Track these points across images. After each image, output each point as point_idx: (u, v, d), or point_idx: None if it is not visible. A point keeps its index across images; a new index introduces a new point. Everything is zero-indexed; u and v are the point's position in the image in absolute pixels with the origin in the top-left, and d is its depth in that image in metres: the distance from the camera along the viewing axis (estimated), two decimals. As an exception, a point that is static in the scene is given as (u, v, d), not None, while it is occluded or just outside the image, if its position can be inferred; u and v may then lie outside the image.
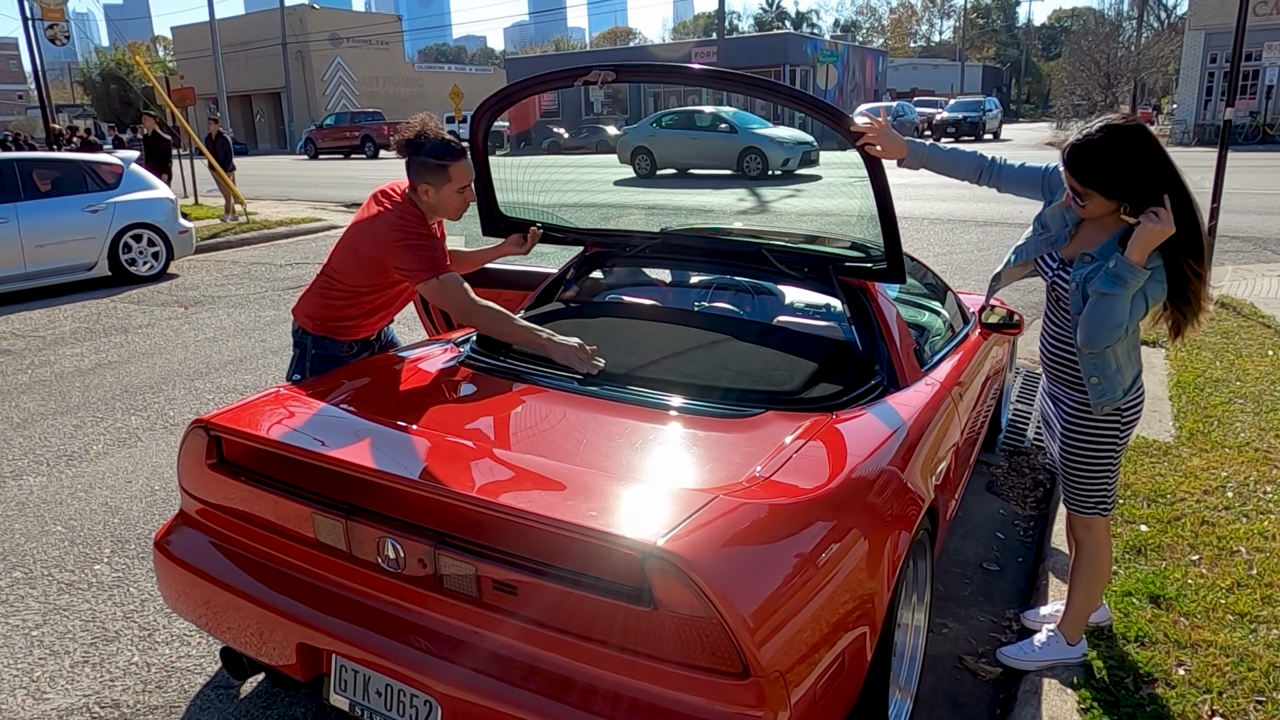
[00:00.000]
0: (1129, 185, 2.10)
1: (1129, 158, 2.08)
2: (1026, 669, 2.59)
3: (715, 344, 2.85)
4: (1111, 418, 2.38)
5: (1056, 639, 2.60)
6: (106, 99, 45.65)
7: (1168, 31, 37.81)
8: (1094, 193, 2.14)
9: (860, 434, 2.32)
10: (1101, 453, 2.42)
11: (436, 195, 2.77)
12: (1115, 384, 2.29)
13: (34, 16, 16.39)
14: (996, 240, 9.99)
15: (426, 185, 2.76)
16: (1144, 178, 2.08)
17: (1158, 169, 2.08)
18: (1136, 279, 2.09)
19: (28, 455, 4.49)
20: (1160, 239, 2.06)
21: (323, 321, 2.98)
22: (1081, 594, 2.56)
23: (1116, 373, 2.29)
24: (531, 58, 53.69)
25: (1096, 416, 2.38)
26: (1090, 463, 2.44)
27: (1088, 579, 2.55)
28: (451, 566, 1.85)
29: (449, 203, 2.81)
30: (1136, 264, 2.08)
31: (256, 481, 2.15)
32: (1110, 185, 2.11)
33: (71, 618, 2.99)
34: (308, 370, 3.01)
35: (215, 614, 2.18)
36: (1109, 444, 2.41)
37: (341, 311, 2.96)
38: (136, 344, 6.75)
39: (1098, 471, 2.44)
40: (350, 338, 3.03)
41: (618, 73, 2.79)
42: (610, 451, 2.14)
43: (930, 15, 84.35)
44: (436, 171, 2.73)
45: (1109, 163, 2.09)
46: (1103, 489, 2.47)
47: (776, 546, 1.80)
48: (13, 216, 8.49)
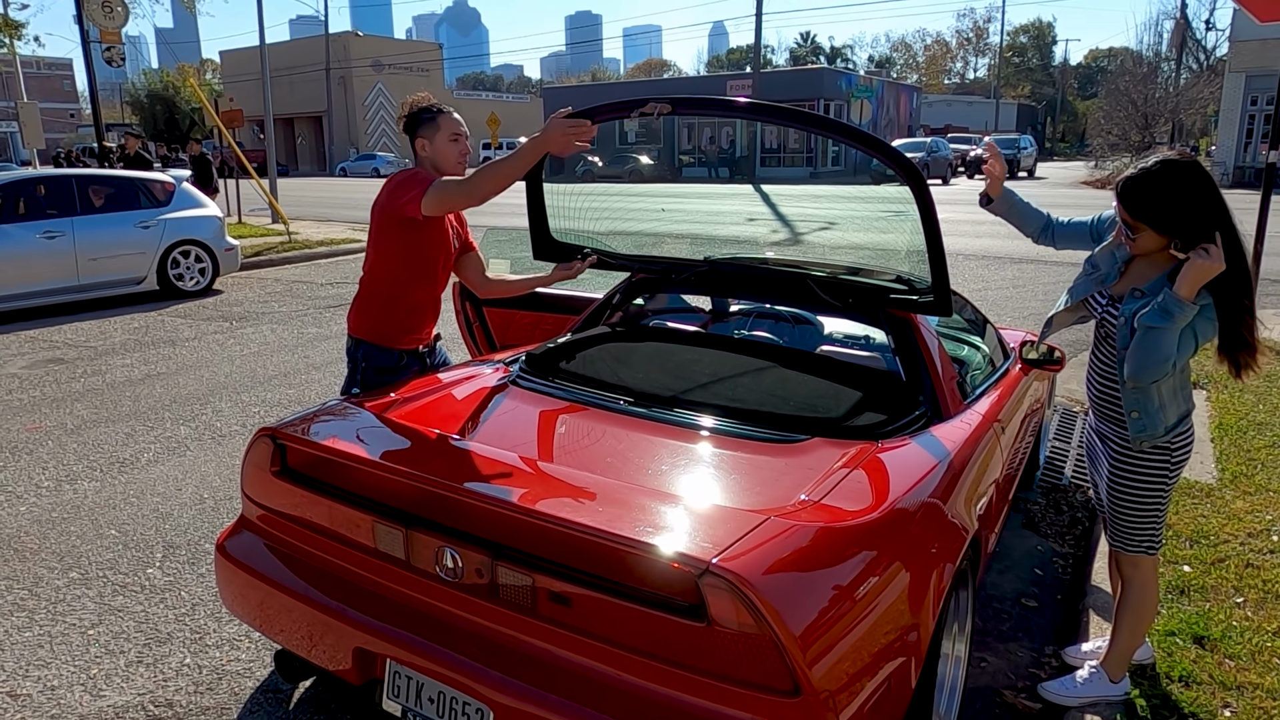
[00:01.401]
0: (1181, 220, 2.13)
1: (1183, 193, 2.11)
2: (1068, 705, 2.58)
3: (760, 370, 2.90)
4: (1160, 456, 2.38)
5: (1099, 676, 2.59)
6: (153, 119, 46.93)
7: (1207, 73, 37.59)
8: (1145, 227, 2.18)
9: (905, 463, 2.35)
10: (1150, 491, 2.43)
11: (432, 145, 2.94)
12: (1157, 420, 2.31)
13: (93, 39, 16.99)
14: (1032, 277, 9.96)
15: (422, 139, 2.94)
16: (1196, 213, 2.11)
17: (1210, 206, 2.11)
18: (1185, 314, 2.11)
19: (82, 461, 4.62)
20: (1210, 275, 2.08)
21: (371, 326, 3.07)
22: (1126, 631, 2.56)
23: (1159, 410, 2.30)
24: (567, 87, 54.47)
25: (1146, 454, 2.39)
26: (1138, 500, 2.44)
27: (1133, 617, 2.54)
28: (508, 577, 1.90)
29: (446, 152, 2.95)
30: (1185, 299, 2.10)
31: (318, 489, 2.23)
32: (1162, 220, 2.15)
33: (126, 619, 3.08)
34: (360, 383, 3.08)
35: (273, 616, 2.24)
36: (1157, 482, 2.42)
37: (385, 311, 3.04)
38: (184, 356, 6.92)
39: (1145, 509, 2.45)
40: (399, 345, 3.09)
41: (674, 105, 2.88)
42: (661, 471, 2.19)
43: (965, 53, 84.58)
44: (427, 124, 2.94)
45: (1162, 197, 2.12)
46: (1150, 527, 2.47)
47: (826, 569, 1.84)
48: (69, 230, 8.77)
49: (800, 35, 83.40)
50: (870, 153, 2.74)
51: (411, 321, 3.10)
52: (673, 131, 40.48)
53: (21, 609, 3.14)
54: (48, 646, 2.91)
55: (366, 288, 3.08)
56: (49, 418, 5.37)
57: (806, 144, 37.85)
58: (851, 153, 38.86)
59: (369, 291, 3.07)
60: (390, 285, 3.03)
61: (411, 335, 3.12)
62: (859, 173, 21.17)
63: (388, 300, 3.04)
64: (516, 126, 53.59)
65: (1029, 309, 8.18)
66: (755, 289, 3.30)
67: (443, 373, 2.98)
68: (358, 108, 54.36)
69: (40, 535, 3.74)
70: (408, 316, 3.08)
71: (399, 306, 3.05)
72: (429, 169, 2.95)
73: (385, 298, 3.04)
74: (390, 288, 3.03)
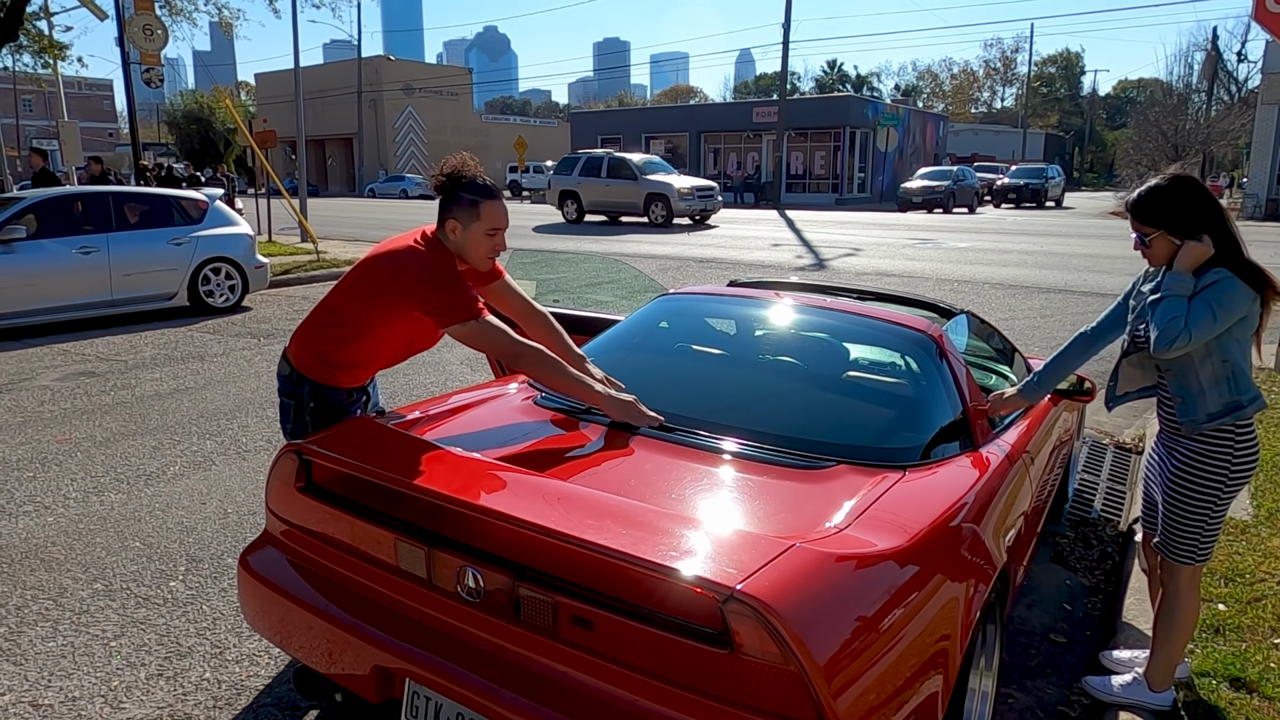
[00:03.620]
0: (1185, 220, 2.40)
1: (1185, 198, 2.42)
2: (1104, 700, 2.70)
3: (785, 394, 2.89)
4: (1221, 452, 2.45)
5: (1140, 683, 2.66)
6: (189, 139, 47.95)
7: (1238, 105, 37.28)
8: (1157, 231, 2.44)
9: (933, 493, 2.32)
10: (1206, 490, 2.48)
11: (464, 233, 2.61)
12: (1197, 406, 2.44)
13: (133, 60, 17.41)
14: (1060, 307, 9.86)
15: (455, 222, 2.61)
16: (1196, 213, 2.41)
17: (1207, 208, 2.42)
18: (1181, 283, 2.37)
19: (110, 473, 4.67)
20: (1201, 256, 2.38)
21: (322, 368, 2.73)
22: (1161, 641, 2.61)
23: (1199, 395, 2.43)
24: (594, 112, 55.01)
25: (1207, 451, 2.46)
26: (1192, 500, 2.50)
27: (1164, 626, 2.60)
28: (530, 598, 1.89)
29: (477, 245, 2.63)
30: (1181, 272, 2.39)
31: (342, 506, 2.23)
32: (1170, 221, 2.42)
33: (147, 631, 3.09)
34: (308, 424, 2.75)
35: (292, 632, 2.24)
36: (1215, 482, 2.47)
37: (343, 355, 2.72)
38: (212, 372, 7.00)
39: (1198, 511, 2.50)
40: (349, 385, 2.80)
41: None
42: (686, 494, 2.17)
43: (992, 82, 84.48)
44: (468, 208, 2.60)
45: (1169, 203, 2.42)
46: (1196, 537, 2.52)
47: (853, 599, 1.80)
48: (104, 246, 8.94)
49: (826, 63, 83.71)
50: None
51: (368, 368, 2.83)
52: (699, 156, 40.70)
53: (46, 619, 3.17)
54: (70, 657, 2.92)
55: (331, 330, 2.70)
56: (79, 429, 5.44)
57: (832, 170, 37.92)
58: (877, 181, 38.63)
59: (333, 335, 2.70)
60: (363, 345, 2.71)
61: (363, 377, 2.85)
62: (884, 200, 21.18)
63: (350, 349, 2.72)
64: (543, 150, 54.15)
65: (1057, 338, 8.09)
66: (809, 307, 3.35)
67: (467, 392, 2.98)
68: (388, 130, 55.20)
69: (67, 546, 3.77)
70: (366, 365, 2.81)
71: (359, 355, 2.75)
72: (452, 250, 2.64)
73: (354, 351, 2.72)
74: (363, 347, 2.72)
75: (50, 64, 19.51)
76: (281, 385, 2.83)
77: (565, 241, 17.72)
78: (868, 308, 3.26)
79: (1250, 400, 2.42)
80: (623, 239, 18.07)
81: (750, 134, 39.05)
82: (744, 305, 3.41)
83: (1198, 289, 2.37)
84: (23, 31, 16.79)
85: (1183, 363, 2.46)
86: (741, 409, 2.78)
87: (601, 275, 10.03)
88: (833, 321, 3.21)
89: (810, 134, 37.72)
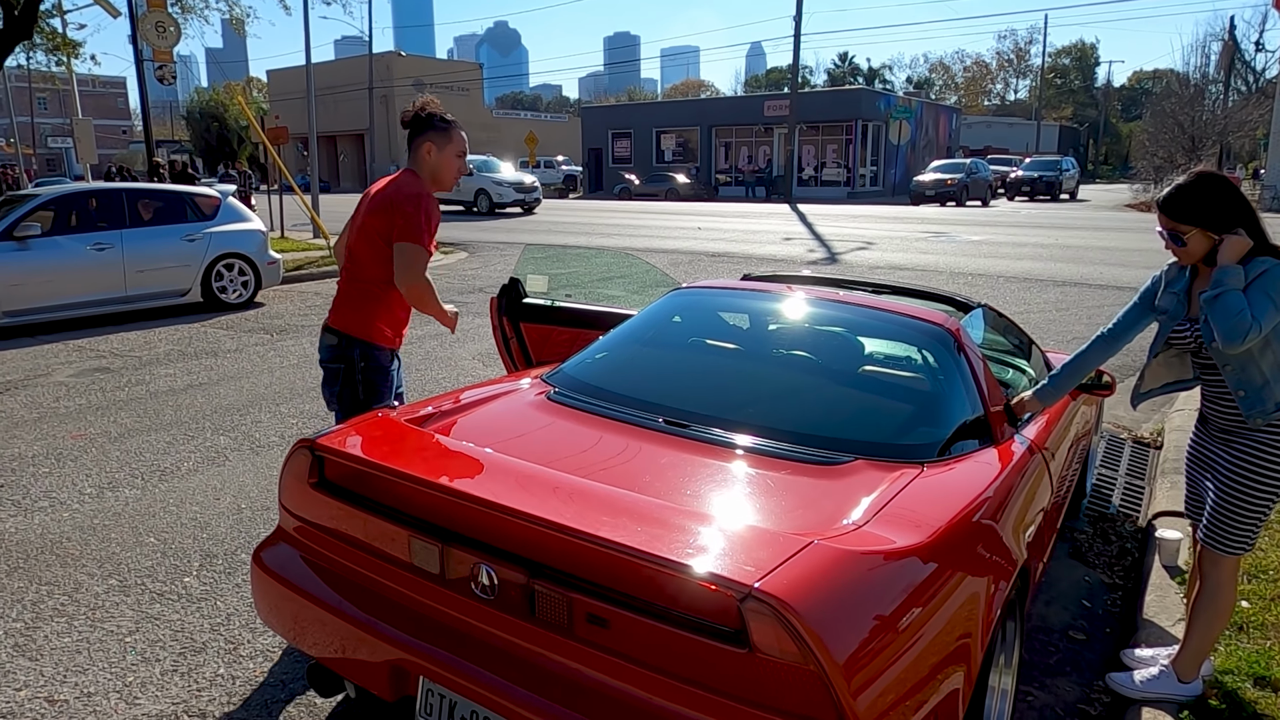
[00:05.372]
0: (1220, 214, 2.39)
1: (1217, 194, 2.41)
2: (1131, 697, 2.66)
3: (803, 389, 2.86)
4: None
5: (1168, 674, 2.63)
6: (206, 135, 48.17)
7: (1256, 95, 36.83)
8: (1193, 228, 2.42)
9: (953, 489, 2.28)
10: (1268, 489, 2.47)
11: (439, 154, 3.01)
12: (1263, 396, 2.41)
13: (146, 57, 17.48)
14: (1076, 300, 9.77)
15: (431, 144, 3.00)
16: (1229, 208, 2.40)
17: (1239, 203, 2.42)
18: (1232, 275, 2.35)
19: (124, 468, 4.69)
20: (1244, 248, 2.37)
21: (369, 323, 3.05)
22: (1198, 631, 2.59)
23: (1264, 386, 2.40)
24: (604, 107, 54.92)
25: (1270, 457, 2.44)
26: (1254, 498, 2.48)
27: (1204, 616, 2.59)
28: (545, 596, 1.87)
29: (449, 166, 3.05)
30: (1228, 264, 2.36)
31: (355, 502, 2.21)
32: (1205, 217, 2.40)
33: (162, 627, 3.10)
34: (359, 383, 3.04)
35: (306, 629, 2.23)
36: (1275, 483, 2.45)
37: (387, 309, 3.06)
38: (225, 367, 7.02)
39: (1255, 502, 2.49)
40: (390, 346, 3.12)
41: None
42: (702, 491, 2.15)
43: (1006, 74, 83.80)
44: (441, 133, 3.02)
45: (1203, 199, 2.41)
46: (1248, 524, 2.51)
47: (873, 597, 1.78)
48: (118, 243, 8.98)
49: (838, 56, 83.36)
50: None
51: (404, 318, 3.16)
52: (710, 151, 40.59)
53: (61, 614, 3.18)
54: (85, 653, 2.93)
55: (364, 285, 3.02)
56: (94, 425, 5.47)
57: (845, 164, 37.72)
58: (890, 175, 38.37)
59: (367, 290, 3.03)
60: (384, 292, 3.03)
61: (401, 333, 3.18)
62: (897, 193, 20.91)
63: (390, 298, 3.04)
64: (554, 145, 54.09)
65: (1073, 332, 8.02)
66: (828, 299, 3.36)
67: (479, 388, 2.97)
68: (399, 126, 55.26)
69: (82, 542, 3.79)
70: (400, 323, 3.14)
71: (400, 304, 3.08)
72: (427, 176, 3.03)
73: (387, 296, 3.04)
74: (384, 295, 3.03)
75: (64, 62, 19.62)
76: (329, 354, 3.09)
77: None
78: (883, 301, 3.22)
79: None
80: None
81: (762, 128, 38.89)
82: (758, 299, 3.38)
83: (1249, 281, 2.35)
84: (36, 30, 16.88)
85: (1242, 356, 2.42)
86: (757, 404, 2.75)
87: (614, 270, 10.00)
88: (848, 315, 3.17)
89: (822, 127, 37.53)
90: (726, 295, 3.51)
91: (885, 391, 2.85)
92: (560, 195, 41.13)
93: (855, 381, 2.91)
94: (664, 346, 3.27)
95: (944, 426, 2.62)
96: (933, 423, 2.66)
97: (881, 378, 2.93)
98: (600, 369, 3.07)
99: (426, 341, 7.86)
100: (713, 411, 2.63)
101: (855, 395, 2.85)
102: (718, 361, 3.13)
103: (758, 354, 3.18)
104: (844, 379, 2.93)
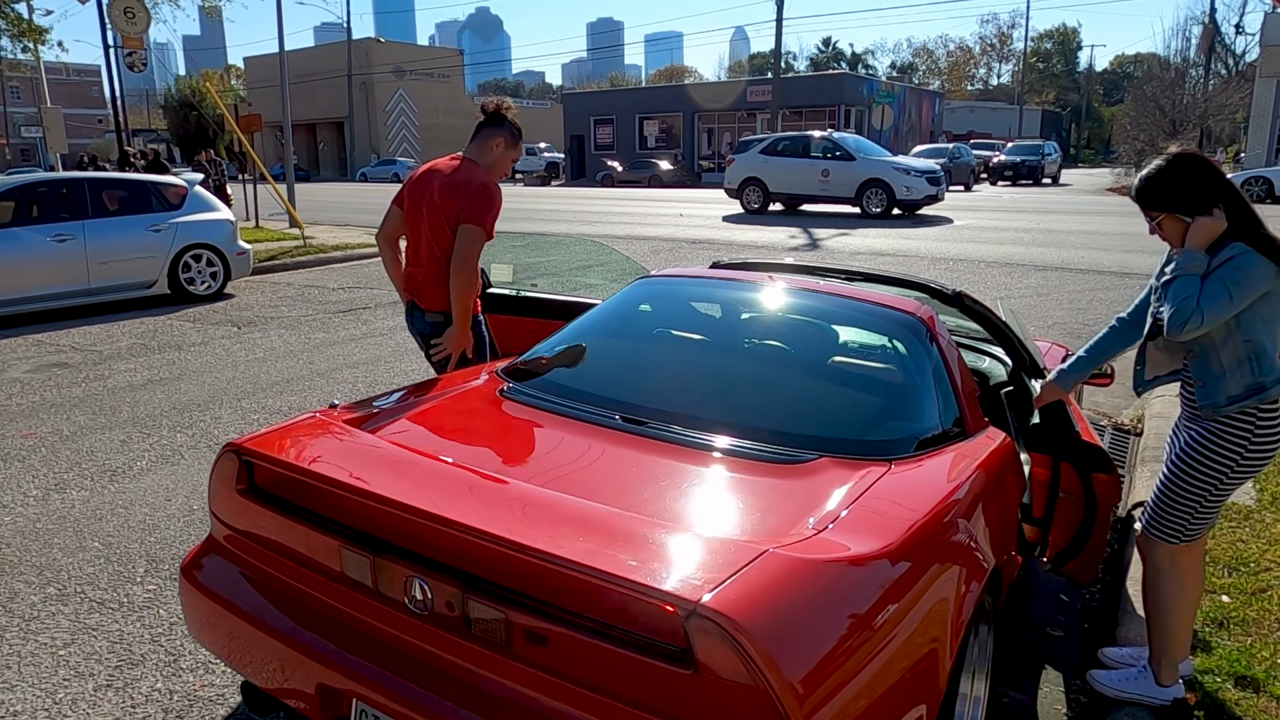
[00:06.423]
0: (1191, 199, 2.30)
1: (1188, 177, 2.31)
2: (1105, 694, 2.60)
3: (768, 383, 2.73)
4: (1233, 448, 2.33)
5: (1144, 675, 2.55)
6: (184, 124, 47.34)
7: (1236, 79, 36.90)
8: (1164, 214, 2.35)
9: (922, 486, 2.16)
10: (1208, 479, 2.37)
11: (503, 152, 3.46)
12: (1218, 389, 2.33)
13: (115, 44, 17.10)
14: (1057, 285, 9.69)
15: (501, 141, 3.43)
16: (1202, 191, 2.29)
17: (1214, 184, 2.30)
18: (1193, 261, 2.26)
19: (74, 469, 4.51)
20: (1213, 231, 2.26)
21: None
22: (1153, 625, 2.52)
23: (1220, 378, 2.32)
24: (586, 93, 54.51)
25: (1221, 445, 2.35)
26: (1193, 486, 2.39)
27: (1151, 607, 2.51)
28: (480, 612, 1.74)
29: (506, 163, 3.50)
30: (1193, 250, 2.27)
31: (285, 510, 2.07)
32: (1177, 202, 2.32)
33: (100, 638, 2.94)
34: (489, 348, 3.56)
35: (236, 646, 2.09)
36: (1219, 472, 2.36)
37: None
38: (189, 362, 6.83)
39: (1193, 498, 2.40)
40: (478, 312, 3.54)
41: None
42: (653, 495, 2.01)
43: (989, 59, 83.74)
44: (514, 136, 3.49)
45: (1172, 183, 2.33)
46: (1187, 518, 2.42)
47: (830, 609, 1.65)
48: (80, 234, 8.73)
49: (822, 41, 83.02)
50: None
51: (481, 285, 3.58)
52: (693, 137, 40.34)
53: (-6, 626, 3.02)
54: (15, 668, 2.78)
55: (442, 267, 3.39)
56: (46, 424, 5.28)
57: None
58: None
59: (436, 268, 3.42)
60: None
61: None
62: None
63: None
64: (537, 132, 53.62)
65: (1054, 318, 7.94)
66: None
67: (431, 383, 2.82)
68: (379, 114, 54.67)
69: (22, 547, 3.62)
70: (480, 281, 3.58)
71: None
72: (485, 165, 3.42)
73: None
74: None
75: (30, 48, 19.16)
76: (435, 330, 3.49)
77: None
78: (854, 290, 3.09)
79: (1275, 381, 2.29)
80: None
81: (745, 113, 38.66)
82: (725, 288, 3.24)
83: (1212, 266, 2.25)
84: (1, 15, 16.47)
85: (1204, 344, 2.34)
86: (720, 399, 2.62)
87: (591, 258, 9.83)
88: (818, 304, 3.04)
89: (805, 112, 37.33)
90: (693, 284, 3.38)
91: (854, 384, 2.73)
92: (542, 183, 40.80)
93: (823, 373, 2.78)
94: (626, 338, 3.13)
95: (914, 420, 2.51)
96: (903, 416, 2.55)
97: (851, 369, 2.80)
98: (558, 362, 2.93)
99: (397, 333, 7.69)
100: (673, 407, 2.50)
101: (823, 388, 2.72)
102: (681, 354, 2.99)
103: (723, 345, 3.05)
104: (812, 371, 2.80)
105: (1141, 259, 11.22)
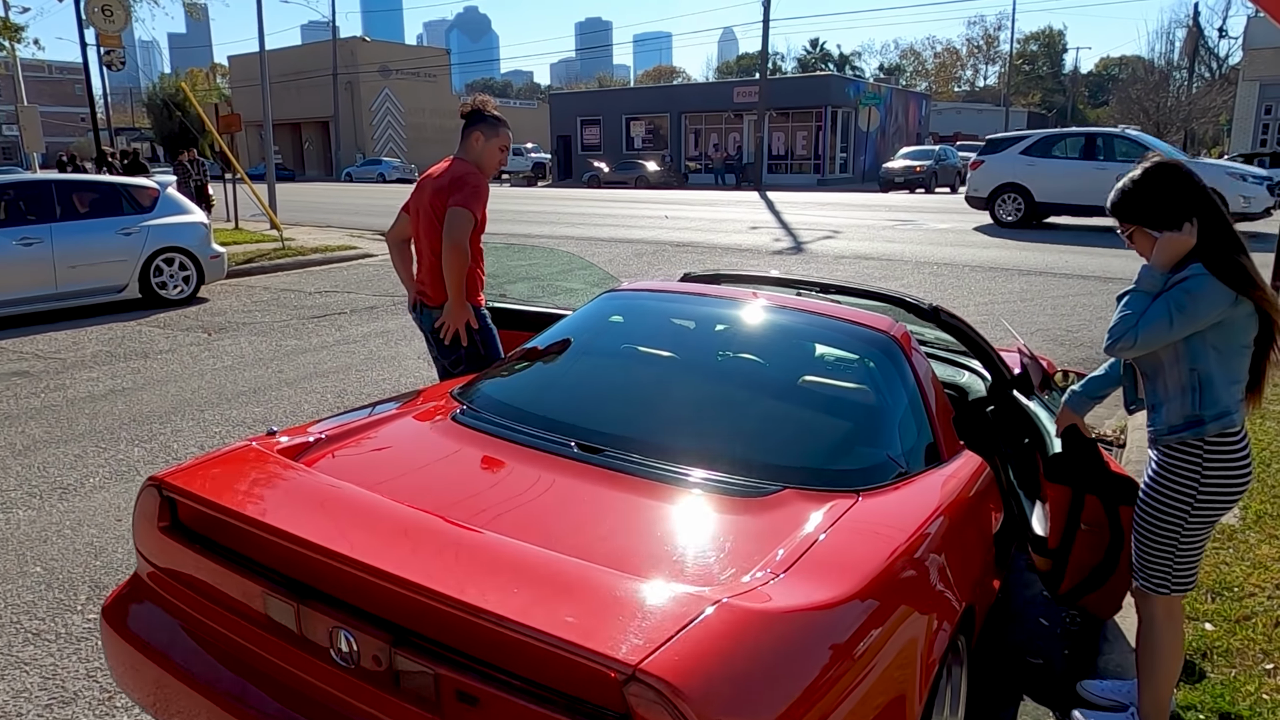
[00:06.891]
0: (1161, 213, 2.20)
1: (1161, 190, 2.22)
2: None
3: (732, 406, 2.60)
4: (1183, 485, 2.21)
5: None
6: (168, 123, 46.87)
7: (1220, 81, 37.12)
8: (1136, 227, 2.27)
9: (889, 522, 2.05)
10: (1168, 519, 2.25)
11: (485, 144, 3.51)
12: (1161, 415, 2.26)
13: (93, 42, 16.82)
14: (1041, 290, 9.62)
15: (480, 134, 3.51)
16: (1174, 205, 2.19)
17: (1187, 196, 2.19)
18: (1150, 280, 2.20)
19: (23, 486, 4.34)
20: (1179, 247, 2.17)
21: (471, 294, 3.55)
22: (1143, 674, 2.38)
23: (1164, 404, 2.26)
24: (573, 93, 54.31)
25: (1171, 481, 2.23)
26: (1157, 528, 2.28)
27: (1144, 661, 2.38)
28: (409, 666, 1.61)
29: (493, 156, 3.55)
30: (1155, 267, 2.20)
31: (209, 550, 1.93)
32: (1146, 216, 2.23)
33: (32, 673, 2.79)
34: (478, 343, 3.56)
35: (157, 697, 1.95)
36: (1177, 512, 2.24)
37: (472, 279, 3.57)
38: (154, 370, 6.65)
39: (1163, 541, 2.28)
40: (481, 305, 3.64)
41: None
42: (603, 536, 1.89)
43: (975, 61, 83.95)
44: (491, 126, 3.53)
45: (1144, 197, 2.24)
46: (1167, 564, 2.29)
47: (786, 664, 1.53)
48: (46, 237, 8.53)
49: (809, 43, 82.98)
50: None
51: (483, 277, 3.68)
52: (680, 137, 40.22)
53: (-79, 660, 2.86)
54: (-63, 708, 2.62)
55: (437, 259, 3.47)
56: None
57: (814, 151, 37.56)
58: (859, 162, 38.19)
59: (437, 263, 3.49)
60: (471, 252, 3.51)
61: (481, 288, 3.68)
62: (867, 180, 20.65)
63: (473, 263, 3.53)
64: (524, 132, 53.34)
65: (1037, 323, 7.85)
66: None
67: (377, 406, 2.67)
68: (365, 113, 54.27)
69: (-41, 572, 3.46)
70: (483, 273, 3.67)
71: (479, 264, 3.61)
72: (474, 161, 3.51)
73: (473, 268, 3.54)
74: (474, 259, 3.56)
75: (6, 47, 18.84)
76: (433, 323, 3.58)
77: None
78: (826, 305, 2.97)
79: (1215, 417, 2.15)
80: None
81: (732, 114, 38.58)
82: (693, 304, 3.12)
83: (1167, 286, 2.17)
84: (-26, 13, 16.18)
85: (1154, 366, 2.25)
86: (682, 425, 2.50)
87: (575, 264, 9.69)
88: (787, 321, 2.92)
89: (792, 114, 37.30)
90: (661, 299, 3.25)
91: (822, 407, 2.61)
92: (529, 183, 40.61)
93: (791, 396, 2.66)
94: (588, 356, 2.99)
95: (885, 446, 2.39)
96: (873, 442, 2.43)
97: (820, 391, 2.68)
98: (516, 383, 2.80)
99: (371, 340, 7.52)
100: (633, 433, 2.38)
101: (790, 412, 2.60)
102: (645, 374, 2.87)
103: (689, 365, 2.92)
104: (779, 393, 2.68)
105: (1124, 263, 11.17)
